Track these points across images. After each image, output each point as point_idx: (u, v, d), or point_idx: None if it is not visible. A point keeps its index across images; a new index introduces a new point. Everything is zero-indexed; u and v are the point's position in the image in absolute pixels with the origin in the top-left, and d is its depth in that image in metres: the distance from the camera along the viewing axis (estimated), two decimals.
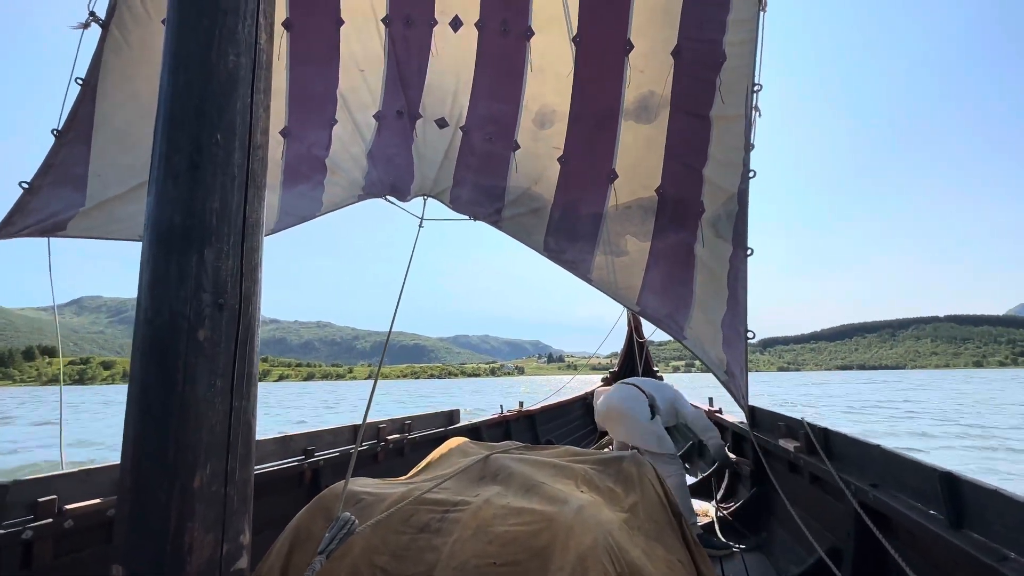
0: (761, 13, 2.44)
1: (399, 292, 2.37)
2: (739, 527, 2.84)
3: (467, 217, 3.11)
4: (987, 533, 1.27)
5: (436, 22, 2.92)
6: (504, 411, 4.92)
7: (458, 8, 2.89)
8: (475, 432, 4.08)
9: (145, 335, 0.76)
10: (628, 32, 2.72)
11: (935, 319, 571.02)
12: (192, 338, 0.76)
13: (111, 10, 2.38)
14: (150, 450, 0.73)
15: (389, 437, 3.08)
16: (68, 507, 1.59)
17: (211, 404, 0.76)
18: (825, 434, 2.22)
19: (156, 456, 0.72)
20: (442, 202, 3.14)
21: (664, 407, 3.24)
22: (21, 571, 1.51)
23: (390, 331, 2.29)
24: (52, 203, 2.36)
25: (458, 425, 3.82)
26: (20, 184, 2.31)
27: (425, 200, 3.14)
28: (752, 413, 3.04)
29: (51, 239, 2.50)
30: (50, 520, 1.55)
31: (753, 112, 2.52)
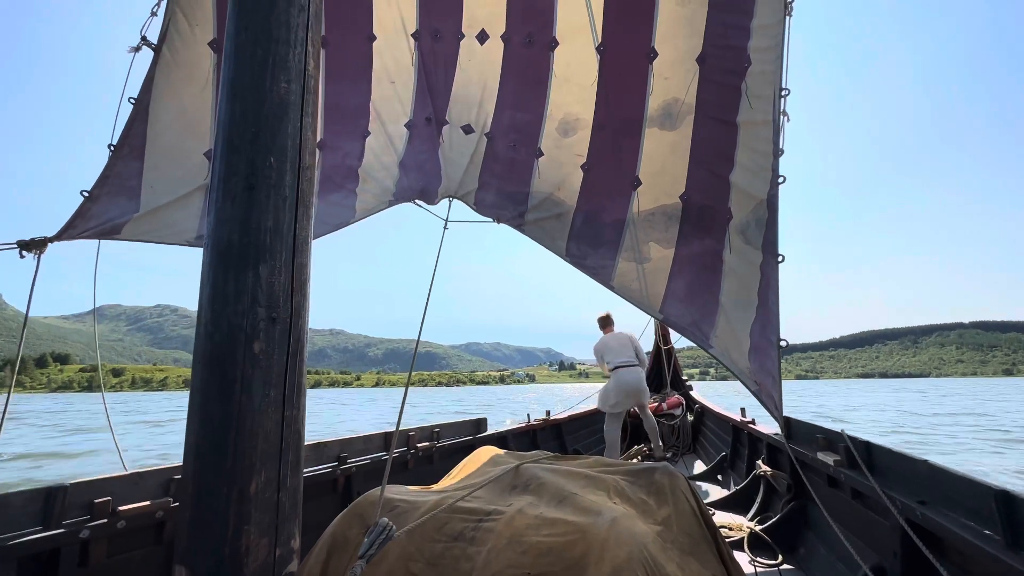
0: (787, 18, 2.41)
1: (427, 295, 2.43)
2: (774, 543, 2.76)
3: (491, 219, 3.15)
4: None
5: (463, 36, 3.00)
6: (531, 420, 4.92)
7: (484, 22, 2.96)
8: (502, 441, 4.09)
9: (205, 347, 0.81)
10: (652, 40, 2.73)
11: (960, 325, 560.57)
12: (248, 350, 0.80)
13: (163, 35, 2.54)
14: (210, 457, 0.77)
15: (419, 445, 3.12)
16: (121, 508, 1.68)
17: (265, 413, 0.80)
18: (867, 447, 2.15)
19: (216, 463, 0.76)
20: (467, 204, 3.19)
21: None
22: (78, 569, 1.59)
23: (419, 338, 2.32)
24: (109, 210, 2.53)
25: (486, 433, 3.84)
26: (81, 192, 2.49)
27: (451, 202, 3.20)
28: (788, 425, 2.96)
29: (80, 245, 2.67)
30: (105, 520, 1.63)
31: (781, 117, 2.47)
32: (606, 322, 5.37)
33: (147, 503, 1.75)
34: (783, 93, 2.45)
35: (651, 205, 2.89)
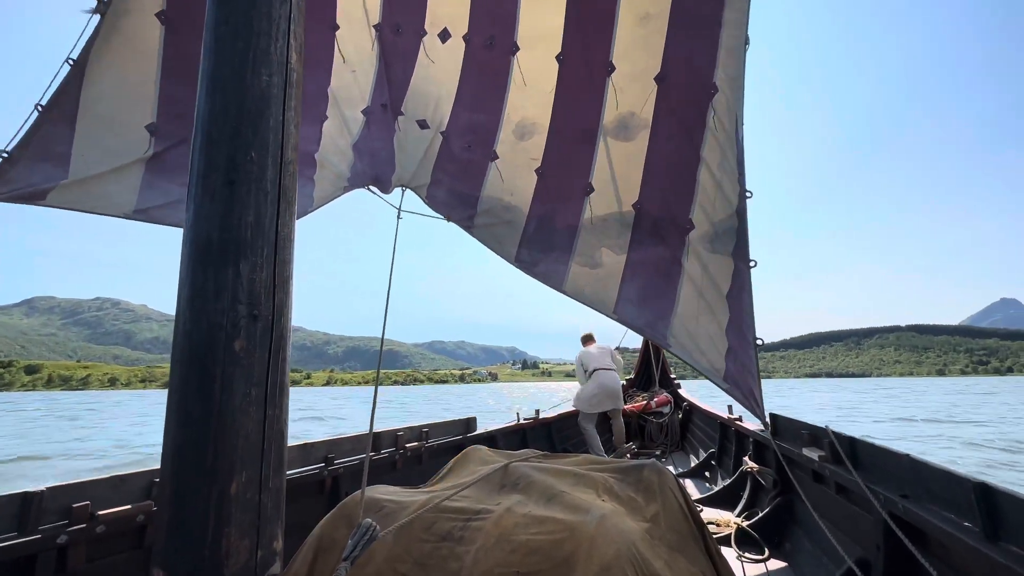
0: (746, 49, 2.52)
1: (387, 290, 2.40)
2: (760, 538, 2.79)
3: (442, 216, 3.15)
4: None
5: (425, 32, 3.01)
6: (521, 419, 4.92)
7: (447, 21, 2.98)
8: (492, 440, 4.08)
9: (184, 346, 0.79)
10: (611, 55, 2.78)
11: (897, 328, 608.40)
12: (228, 348, 0.78)
13: (107, 1, 2.41)
14: (189, 457, 0.75)
15: (408, 445, 3.10)
16: (101, 513, 1.64)
17: (246, 412, 0.78)
18: (851, 443, 2.18)
19: (195, 463, 0.75)
20: (420, 196, 3.19)
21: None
22: (55, 575, 1.55)
23: (383, 337, 2.29)
24: (32, 175, 2.37)
25: (475, 433, 3.83)
26: (0, 153, 2.29)
27: (403, 191, 3.18)
28: (774, 421, 2.99)
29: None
30: (83, 525, 1.59)
31: (740, 130, 2.59)
32: (588, 339, 6.20)
33: (128, 507, 1.72)
34: (742, 122, 2.58)
35: (604, 211, 2.93)
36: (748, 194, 2.56)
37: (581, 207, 2.94)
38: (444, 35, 2.98)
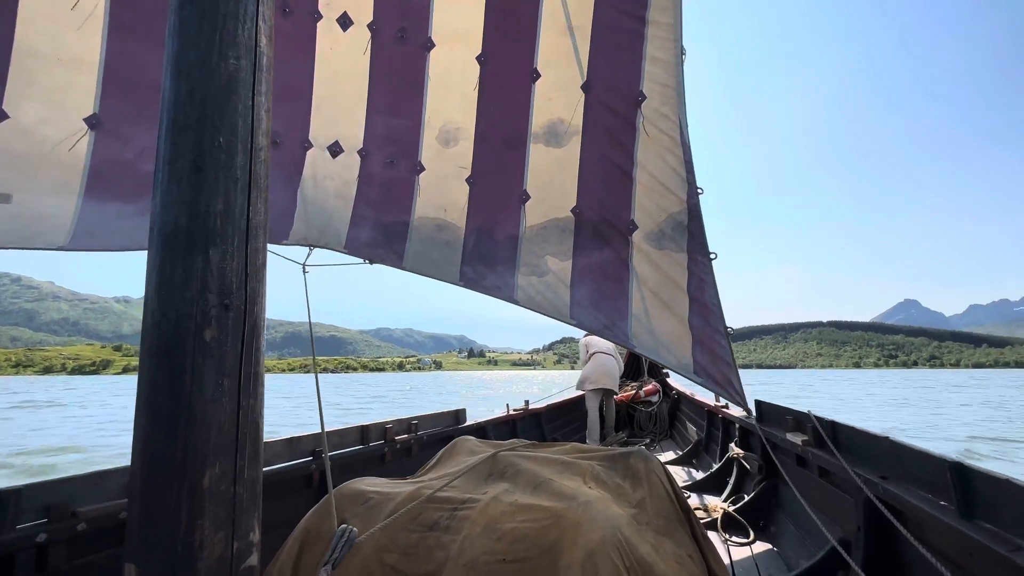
0: (682, 61, 2.52)
1: (309, 325, 2.26)
2: (746, 522, 2.83)
3: (364, 260, 2.87)
4: (998, 523, 1.26)
5: (320, 16, 2.61)
6: (510, 409, 4.94)
7: (347, 4, 2.62)
8: (482, 431, 4.09)
9: (153, 337, 0.77)
10: (535, 62, 2.69)
11: (819, 324, 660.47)
12: (199, 339, 0.77)
13: None
14: (159, 451, 0.74)
15: (397, 437, 3.09)
16: (81, 510, 1.61)
17: (219, 404, 0.77)
18: (833, 427, 2.21)
19: (165, 456, 0.73)
20: (333, 250, 2.86)
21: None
22: (35, 574, 1.52)
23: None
24: None
25: (465, 424, 3.83)
26: None
27: (310, 250, 2.79)
28: (759, 407, 3.03)
29: None
30: (63, 523, 1.56)
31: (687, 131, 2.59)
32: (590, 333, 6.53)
33: (109, 503, 1.69)
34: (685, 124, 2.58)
35: (542, 219, 2.83)
36: (699, 190, 2.59)
37: (519, 216, 2.83)
38: (344, 21, 2.62)
